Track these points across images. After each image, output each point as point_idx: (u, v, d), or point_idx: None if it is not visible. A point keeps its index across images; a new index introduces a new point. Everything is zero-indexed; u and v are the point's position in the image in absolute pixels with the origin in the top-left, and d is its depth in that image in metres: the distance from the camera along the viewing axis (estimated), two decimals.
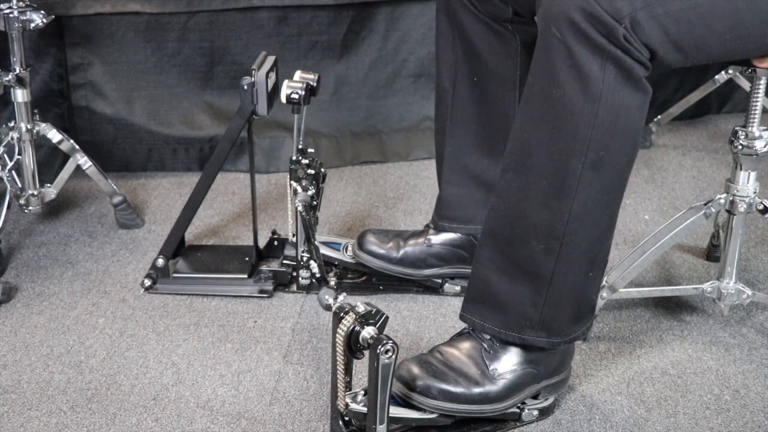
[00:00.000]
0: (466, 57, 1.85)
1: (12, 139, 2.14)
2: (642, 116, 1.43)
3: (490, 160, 1.90)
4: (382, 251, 1.97)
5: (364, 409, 1.45)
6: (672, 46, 1.40)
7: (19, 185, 2.18)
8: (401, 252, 1.96)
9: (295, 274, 2.00)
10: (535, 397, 1.60)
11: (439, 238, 1.96)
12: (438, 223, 1.97)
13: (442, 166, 1.95)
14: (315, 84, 1.93)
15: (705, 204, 1.80)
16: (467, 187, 1.93)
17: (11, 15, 2.06)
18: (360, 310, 1.42)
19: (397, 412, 1.50)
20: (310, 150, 2.02)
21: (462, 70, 1.86)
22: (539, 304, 1.51)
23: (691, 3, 1.39)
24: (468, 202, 1.93)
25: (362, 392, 1.48)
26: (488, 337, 1.56)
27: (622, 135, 1.42)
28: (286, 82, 1.92)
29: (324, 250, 2.01)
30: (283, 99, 1.91)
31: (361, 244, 1.99)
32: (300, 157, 1.98)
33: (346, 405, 1.47)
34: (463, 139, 1.90)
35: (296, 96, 1.90)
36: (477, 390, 1.53)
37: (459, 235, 1.95)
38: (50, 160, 2.44)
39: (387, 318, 1.43)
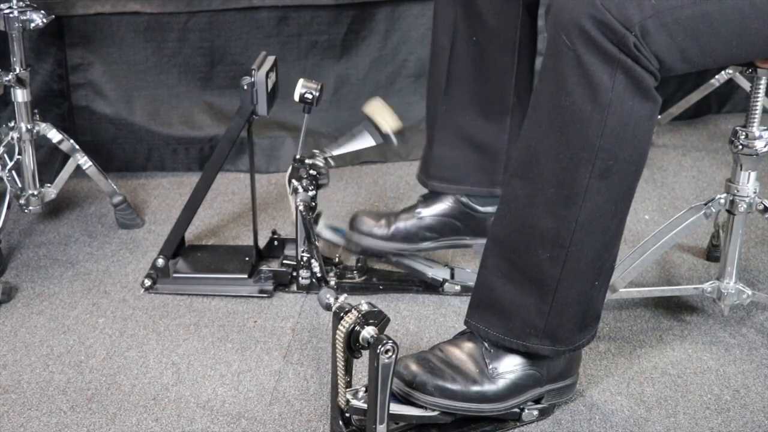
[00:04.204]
0: (466, 15, 1.83)
1: (12, 139, 2.14)
2: (651, 126, 1.43)
3: (485, 122, 1.89)
4: (374, 229, 1.95)
5: (365, 406, 1.45)
6: (679, 54, 1.39)
7: (19, 185, 2.18)
8: (392, 228, 1.94)
9: (295, 274, 2.00)
10: (537, 401, 1.59)
11: (429, 210, 1.95)
12: (427, 183, 1.95)
13: (434, 125, 1.93)
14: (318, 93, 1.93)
15: (705, 204, 1.80)
16: (460, 147, 1.91)
17: (11, 15, 2.06)
18: (363, 309, 1.42)
19: (397, 409, 1.50)
20: (316, 151, 2.01)
21: (461, 29, 1.84)
22: (544, 312, 1.51)
23: (699, 10, 1.38)
24: (460, 163, 1.92)
25: (363, 389, 1.48)
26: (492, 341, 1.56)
27: (631, 144, 1.41)
28: (301, 81, 1.92)
29: (329, 235, 2.00)
30: (296, 98, 1.91)
31: (353, 225, 1.98)
32: (305, 157, 1.98)
33: (347, 401, 1.47)
34: (459, 98, 1.89)
35: (310, 96, 1.90)
36: (475, 388, 1.53)
37: (449, 204, 1.94)
38: (50, 160, 2.44)
39: (388, 320, 1.43)
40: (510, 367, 1.55)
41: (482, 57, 1.85)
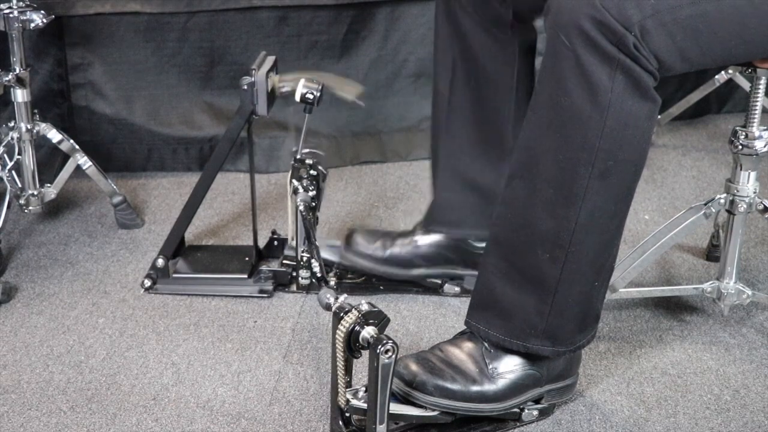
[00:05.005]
0: (463, 61, 1.85)
1: (12, 139, 2.14)
2: (651, 126, 1.43)
3: (485, 165, 1.90)
4: (368, 251, 1.97)
5: (365, 406, 1.45)
6: (678, 54, 1.39)
7: (19, 185, 2.18)
8: (388, 252, 1.96)
9: (295, 274, 2.00)
10: (537, 401, 1.59)
11: (426, 240, 1.96)
12: (428, 227, 1.97)
13: (436, 170, 1.95)
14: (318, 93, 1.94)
15: (705, 204, 1.80)
16: (460, 191, 1.92)
17: (11, 15, 2.06)
18: (363, 309, 1.42)
19: (397, 409, 1.50)
20: (318, 151, 2.02)
21: (459, 74, 1.86)
22: (544, 313, 1.51)
23: (698, 10, 1.38)
24: (460, 207, 1.93)
25: (363, 389, 1.48)
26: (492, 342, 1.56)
27: (630, 145, 1.41)
28: (302, 81, 1.92)
29: (325, 253, 2.01)
30: (297, 98, 1.91)
31: (348, 244, 1.99)
32: (304, 157, 1.98)
33: (347, 401, 1.47)
34: (459, 143, 1.90)
35: (311, 96, 1.91)
36: (475, 388, 1.53)
37: (445, 237, 1.95)
38: (50, 160, 2.44)
39: (388, 320, 1.43)
40: (510, 367, 1.55)
41: (480, 101, 1.87)
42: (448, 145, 1.91)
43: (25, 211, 2.19)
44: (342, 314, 1.43)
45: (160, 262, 1.99)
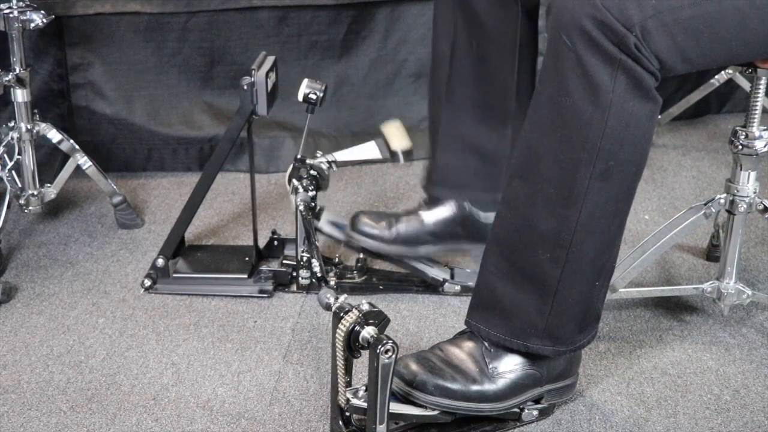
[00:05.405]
0: (466, 22, 1.83)
1: (12, 139, 2.14)
2: (651, 126, 1.43)
3: (487, 128, 1.89)
4: (375, 231, 1.95)
5: (365, 404, 1.45)
6: (679, 54, 1.39)
7: (19, 185, 2.18)
8: (394, 231, 1.95)
9: (295, 274, 2.00)
10: (537, 401, 1.59)
11: (431, 215, 1.95)
12: (430, 190, 1.96)
13: (436, 133, 1.93)
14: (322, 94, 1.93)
15: (705, 204, 1.80)
16: (462, 154, 1.91)
17: (11, 15, 2.07)
18: (363, 309, 1.42)
19: (397, 409, 1.50)
20: (319, 153, 2.02)
21: (461, 36, 1.85)
22: (545, 313, 1.51)
23: (699, 11, 1.38)
24: (461, 170, 1.92)
25: (363, 388, 1.48)
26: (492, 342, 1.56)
27: (632, 145, 1.41)
28: (305, 81, 1.92)
29: (329, 230, 2.00)
30: (300, 97, 1.91)
31: (354, 225, 1.97)
32: (306, 157, 1.98)
33: (347, 400, 1.47)
34: (460, 105, 1.89)
35: (314, 96, 1.91)
36: (475, 388, 1.53)
37: (452, 209, 1.94)
38: (50, 160, 2.44)
39: (388, 320, 1.43)
40: (510, 366, 1.55)
41: (482, 64, 1.86)
42: (448, 107, 1.89)
43: (25, 211, 2.19)
44: (342, 314, 1.43)
45: (160, 262, 1.99)
